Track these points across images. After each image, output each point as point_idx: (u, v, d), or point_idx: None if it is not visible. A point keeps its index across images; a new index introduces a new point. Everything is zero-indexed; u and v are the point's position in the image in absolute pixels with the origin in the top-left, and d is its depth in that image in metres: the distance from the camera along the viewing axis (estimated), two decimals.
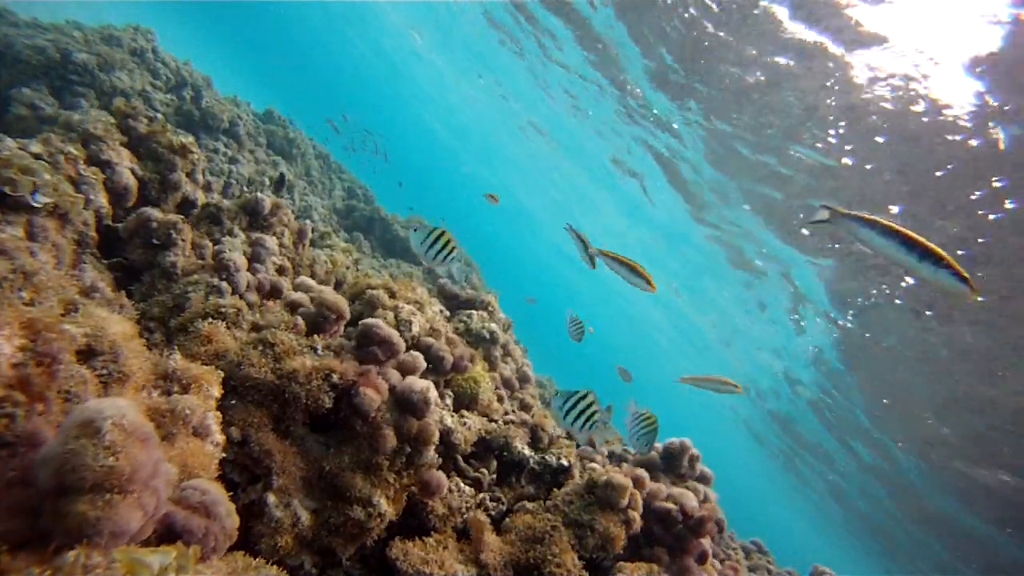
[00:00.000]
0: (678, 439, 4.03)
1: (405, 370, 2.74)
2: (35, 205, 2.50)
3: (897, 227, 2.09)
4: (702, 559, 3.30)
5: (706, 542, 3.35)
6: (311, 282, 3.25)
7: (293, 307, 2.90)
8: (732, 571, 3.64)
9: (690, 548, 3.28)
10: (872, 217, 2.17)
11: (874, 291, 9.83)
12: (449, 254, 2.90)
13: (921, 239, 2.01)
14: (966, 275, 1.98)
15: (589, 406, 2.74)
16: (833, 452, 17.89)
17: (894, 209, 7.95)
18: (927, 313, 8.82)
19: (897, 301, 9.41)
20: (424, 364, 2.84)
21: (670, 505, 3.26)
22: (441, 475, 2.74)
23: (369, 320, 2.73)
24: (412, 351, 2.87)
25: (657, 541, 3.30)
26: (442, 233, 2.91)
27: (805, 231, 10.47)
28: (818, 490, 22.79)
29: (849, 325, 11.74)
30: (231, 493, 1.58)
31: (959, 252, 7.11)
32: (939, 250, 1.99)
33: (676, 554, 3.30)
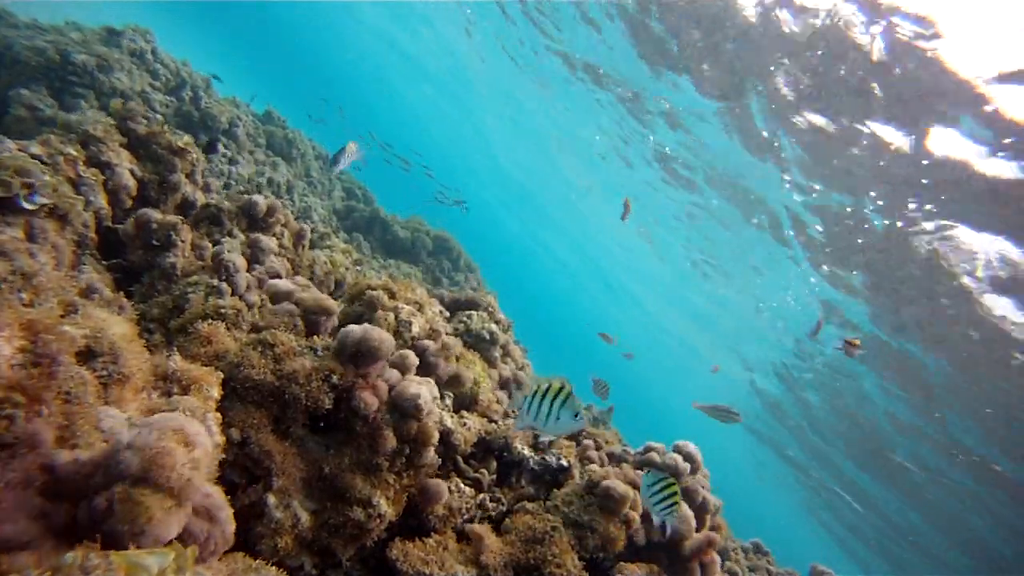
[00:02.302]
0: (689, 444, 3.86)
1: (404, 369, 2.74)
2: (34, 208, 2.50)
3: None
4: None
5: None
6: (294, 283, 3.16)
7: (274, 297, 2.90)
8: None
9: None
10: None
11: None
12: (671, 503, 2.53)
13: None
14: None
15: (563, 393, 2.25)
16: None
17: None
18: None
19: None
20: (416, 361, 2.82)
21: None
22: (442, 484, 2.74)
23: (367, 327, 2.68)
24: (403, 350, 2.85)
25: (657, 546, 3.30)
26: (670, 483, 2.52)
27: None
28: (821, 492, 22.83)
29: None
30: (230, 496, 1.58)
31: None
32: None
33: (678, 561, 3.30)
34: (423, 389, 2.60)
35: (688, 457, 3.78)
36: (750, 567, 5.80)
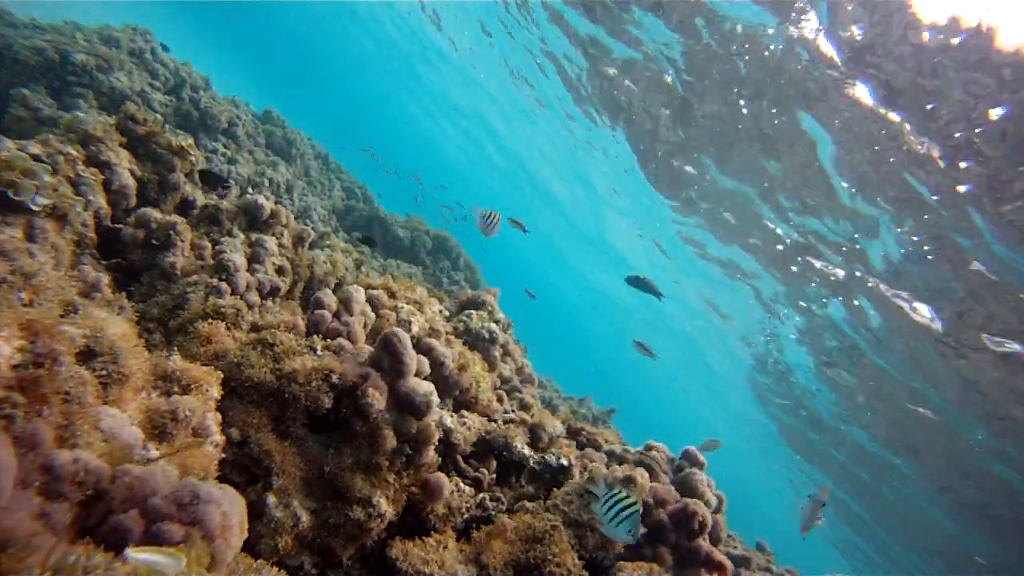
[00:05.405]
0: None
1: (418, 373, 2.74)
2: (33, 208, 2.50)
3: None
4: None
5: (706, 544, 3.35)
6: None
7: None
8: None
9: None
10: None
11: None
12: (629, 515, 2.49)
13: None
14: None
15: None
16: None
17: None
18: None
19: None
20: (428, 369, 2.83)
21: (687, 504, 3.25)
22: (443, 478, 2.73)
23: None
24: (417, 355, 2.86)
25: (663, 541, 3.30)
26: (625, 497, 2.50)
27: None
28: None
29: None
30: None
31: None
32: None
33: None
34: (432, 387, 2.61)
35: (692, 457, 3.82)
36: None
